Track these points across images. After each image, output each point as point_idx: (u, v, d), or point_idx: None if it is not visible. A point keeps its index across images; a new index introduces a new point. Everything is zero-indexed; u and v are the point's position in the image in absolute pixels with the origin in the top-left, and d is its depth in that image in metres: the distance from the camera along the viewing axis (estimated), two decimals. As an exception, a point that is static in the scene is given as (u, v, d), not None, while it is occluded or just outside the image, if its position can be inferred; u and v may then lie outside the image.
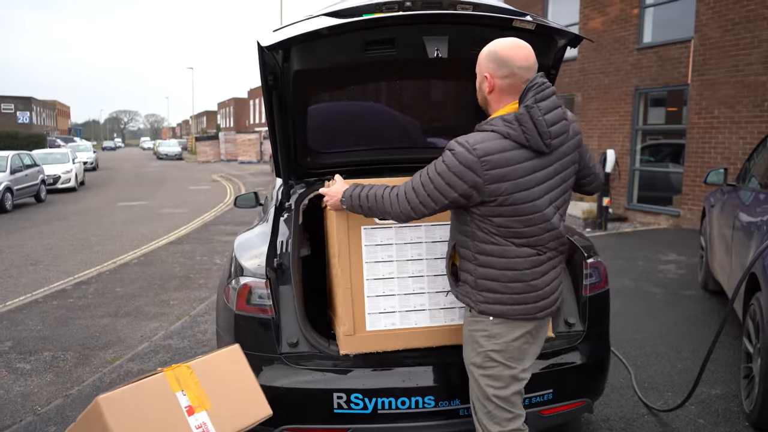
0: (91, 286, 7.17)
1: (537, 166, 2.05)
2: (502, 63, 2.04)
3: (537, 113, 1.98)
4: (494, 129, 2.03)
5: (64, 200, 17.11)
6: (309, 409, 2.59)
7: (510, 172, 2.01)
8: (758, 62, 9.19)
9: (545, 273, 2.19)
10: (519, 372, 2.24)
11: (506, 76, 2.05)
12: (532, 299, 2.17)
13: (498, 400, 2.24)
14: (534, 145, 2.01)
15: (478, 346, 2.23)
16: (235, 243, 3.20)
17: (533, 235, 2.11)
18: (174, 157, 45.78)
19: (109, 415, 1.38)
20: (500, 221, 2.08)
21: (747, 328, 3.67)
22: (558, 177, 2.13)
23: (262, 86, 2.90)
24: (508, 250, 2.12)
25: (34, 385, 4.26)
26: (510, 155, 2.00)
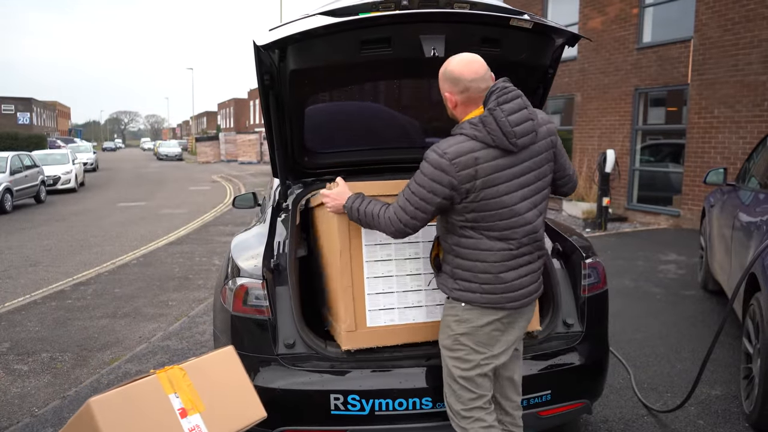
0: (89, 287, 7.16)
1: (506, 164, 2.16)
2: (455, 81, 2.21)
3: (500, 114, 2.12)
4: (462, 132, 2.18)
5: (64, 201, 17.10)
6: (306, 411, 2.58)
7: (479, 170, 2.13)
8: (758, 62, 9.18)
9: (516, 267, 2.27)
10: (486, 357, 2.34)
11: (462, 91, 2.21)
12: (499, 290, 2.27)
13: (462, 381, 2.36)
14: (500, 144, 2.13)
15: (449, 329, 2.37)
16: (231, 244, 3.19)
17: (505, 229, 2.22)
18: (174, 158, 45.77)
19: (101, 418, 1.36)
20: (473, 216, 2.21)
21: (747, 328, 3.66)
22: (531, 174, 2.23)
23: (259, 86, 2.89)
24: (480, 243, 2.24)
25: (31, 387, 4.24)
26: (478, 155, 2.13)
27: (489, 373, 2.38)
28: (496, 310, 2.29)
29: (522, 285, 2.30)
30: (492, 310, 2.29)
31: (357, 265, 2.66)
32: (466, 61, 2.21)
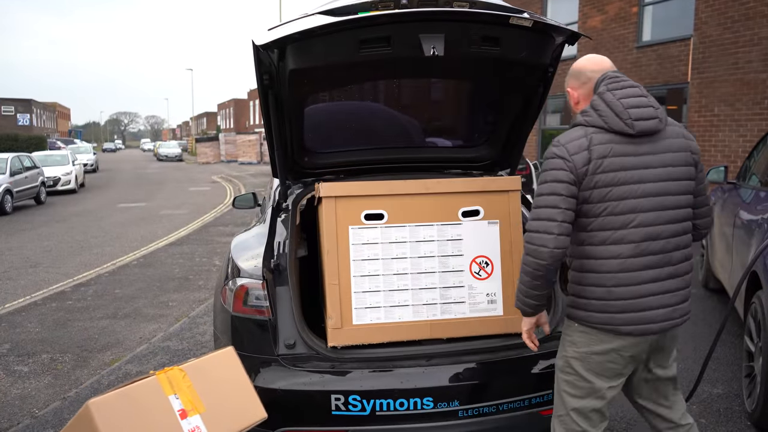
0: (90, 287, 7.15)
1: (624, 151, 1.98)
2: (578, 74, 2.19)
3: (610, 97, 2.00)
4: (575, 123, 2.09)
5: (64, 202, 17.09)
6: (307, 411, 2.57)
7: (593, 151, 1.96)
8: (758, 60, 9.17)
9: (640, 282, 1.98)
10: (600, 388, 2.09)
11: (584, 83, 2.17)
12: (614, 308, 1.99)
13: (572, 412, 2.14)
14: (614, 126, 1.97)
15: (563, 350, 2.21)
16: (231, 244, 3.19)
17: (620, 228, 1.97)
18: (174, 159, 45.74)
19: (100, 420, 1.35)
20: (586, 209, 2.00)
21: (748, 326, 3.65)
22: (659, 171, 2.00)
23: (258, 86, 2.88)
24: (592, 250, 2.02)
25: (32, 388, 4.24)
26: (592, 137, 1.98)
27: (603, 410, 2.14)
28: (612, 335, 2.02)
29: (649, 305, 1.99)
30: (606, 334, 2.03)
31: (344, 263, 2.71)
32: (591, 56, 2.22)
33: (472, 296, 2.81)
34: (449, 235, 2.81)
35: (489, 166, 3.60)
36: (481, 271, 2.82)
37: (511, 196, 2.85)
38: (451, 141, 3.64)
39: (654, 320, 2.01)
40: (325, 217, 2.72)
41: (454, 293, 2.80)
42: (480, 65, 2.92)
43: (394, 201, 2.77)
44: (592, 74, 2.14)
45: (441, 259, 2.80)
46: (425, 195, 2.79)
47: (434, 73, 3.14)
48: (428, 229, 2.79)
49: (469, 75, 3.12)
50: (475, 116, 3.49)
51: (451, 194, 2.81)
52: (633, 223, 1.97)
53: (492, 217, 2.84)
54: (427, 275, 2.79)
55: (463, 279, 2.81)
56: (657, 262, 2.00)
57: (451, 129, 3.62)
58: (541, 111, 3.32)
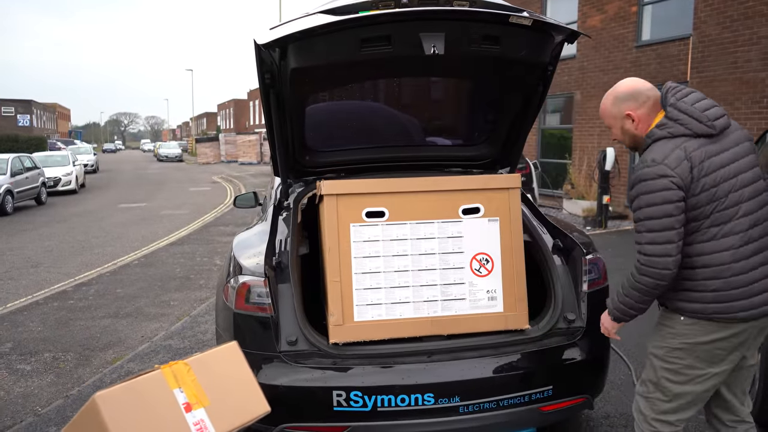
0: (91, 287, 7.17)
1: (714, 150, 2.08)
2: (636, 95, 2.20)
3: (683, 105, 2.11)
4: (657, 138, 2.13)
5: (65, 202, 17.11)
6: (308, 407, 2.59)
7: (693, 158, 2.05)
8: (757, 59, 9.18)
9: (752, 268, 2.09)
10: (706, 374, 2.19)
11: (644, 102, 2.19)
12: (732, 297, 2.09)
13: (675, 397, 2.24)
14: (699, 130, 2.08)
15: (662, 340, 2.26)
16: (233, 242, 3.21)
17: (729, 221, 2.08)
18: (174, 159, 45.76)
19: (106, 413, 1.37)
20: (697, 213, 2.08)
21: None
22: (744, 161, 2.12)
23: (260, 85, 2.90)
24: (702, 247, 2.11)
25: (34, 386, 4.26)
26: (686, 146, 2.06)
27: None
28: (723, 323, 2.10)
29: (758, 290, 2.08)
30: (716, 323, 2.11)
31: (345, 260, 2.73)
32: (632, 79, 2.26)
33: (473, 293, 2.83)
34: (450, 232, 2.83)
35: (489, 165, 3.62)
36: (481, 268, 2.84)
37: (511, 193, 2.87)
38: (452, 140, 3.67)
39: (763, 304, 2.10)
40: (326, 214, 2.74)
41: (454, 290, 2.82)
42: (480, 64, 2.94)
43: (394, 198, 2.79)
44: (650, 92, 2.20)
45: (442, 257, 2.82)
46: (426, 192, 2.81)
47: (434, 72, 3.16)
48: (429, 227, 2.81)
49: (469, 74, 3.15)
50: (475, 115, 3.51)
51: (451, 192, 2.83)
52: (738, 215, 2.09)
53: (492, 214, 2.86)
54: (428, 272, 2.81)
55: (464, 276, 2.83)
56: (762, 247, 2.11)
57: (451, 128, 3.64)
58: (540, 110, 3.34)
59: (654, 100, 2.20)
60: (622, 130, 2.27)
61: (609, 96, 2.28)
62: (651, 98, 2.19)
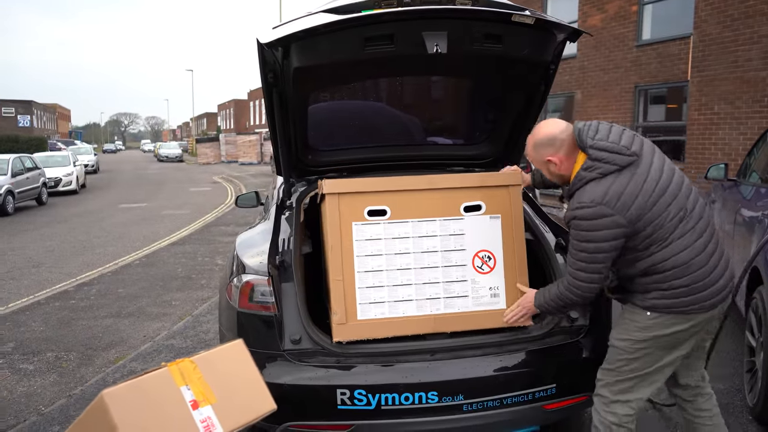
0: (93, 287, 7.18)
1: (640, 176, 2.19)
2: (552, 141, 2.32)
3: (602, 143, 2.21)
4: (587, 179, 2.23)
5: (66, 203, 17.12)
6: (312, 406, 2.60)
7: (627, 196, 2.16)
8: (758, 58, 9.19)
9: (708, 260, 2.25)
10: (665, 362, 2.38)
11: (560, 146, 2.31)
12: (699, 288, 2.26)
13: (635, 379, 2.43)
14: (623, 163, 2.19)
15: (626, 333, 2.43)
16: (236, 241, 3.21)
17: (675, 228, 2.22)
18: (174, 159, 45.78)
19: (114, 410, 1.38)
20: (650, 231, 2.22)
21: (749, 322, 3.67)
22: (664, 169, 2.25)
23: (262, 84, 2.91)
24: (662, 255, 2.23)
25: (37, 386, 4.27)
26: (617, 184, 2.18)
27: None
28: (684, 315, 2.26)
29: (716, 278, 2.25)
30: (680, 315, 2.27)
31: (348, 259, 2.73)
32: (545, 123, 2.39)
33: (475, 290, 2.83)
34: (451, 230, 2.84)
35: (491, 164, 3.63)
36: (483, 266, 2.84)
37: (512, 190, 2.88)
38: (453, 139, 3.67)
39: (724, 288, 2.29)
40: (328, 213, 2.74)
41: (457, 288, 2.82)
42: (482, 63, 2.95)
43: (396, 197, 2.79)
44: (563, 135, 2.31)
45: (444, 254, 2.83)
46: (427, 191, 2.82)
47: (437, 71, 3.17)
48: (431, 225, 2.82)
49: (471, 73, 3.15)
50: (477, 114, 3.52)
51: (452, 189, 2.84)
52: (684, 218, 2.23)
53: (493, 211, 2.86)
54: (431, 270, 2.81)
55: (466, 273, 2.83)
56: (709, 238, 2.26)
57: (453, 126, 3.65)
58: (542, 109, 3.34)
59: (569, 142, 2.30)
60: (548, 172, 2.42)
61: (530, 142, 2.40)
62: (566, 141, 2.30)
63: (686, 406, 2.63)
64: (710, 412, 2.58)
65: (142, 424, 1.42)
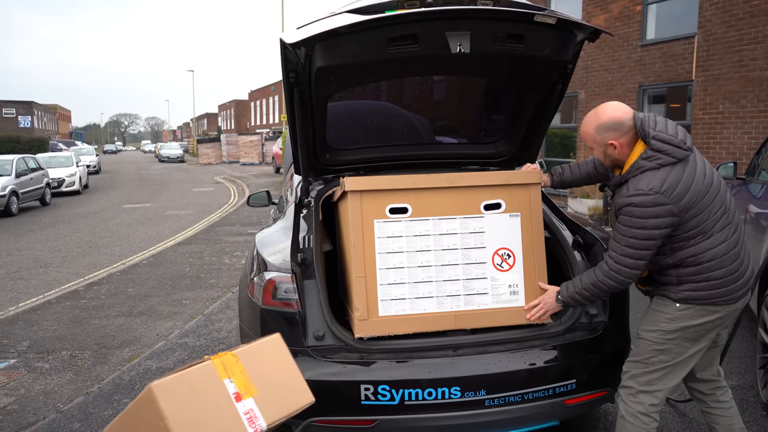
0: (102, 286, 7.21)
1: (692, 168, 2.33)
2: (619, 125, 2.39)
3: (664, 136, 2.33)
4: (647, 168, 2.33)
5: (69, 203, 17.15)
6: (337, 402, 2.63)
7: (684, 185, 2.29)
8: (762, 57, 9.22)
9: (738, 255, 2.40)
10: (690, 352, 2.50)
11: (626, 132, 2.40)
12: (732, 281, 2.40)
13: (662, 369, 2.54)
14: (680, 156, 2.32)
15: (655, 324, 2.54)
16: (256, 238, 3.24)
17: (716, 222, 2.35)
18: (176, 160, 45.81)
19: (163, 402, 1.41)
20: (693, 223, 2.34)
21: (763, 319, 3.70)
22: (708, 169, 2.40)
23: (284, 83, 2.94)
24: (699, 247, 2.36)
25: (54, 384, 4.30)
26: (674, 175, 2.30)
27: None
28: (712, 306, 2.38)
29: (745, 272, 2.41)
30: (709, 306, 2.38)
31: (369, 256, 2.76)
32: (610, 106, 2.44)
33: (495, 287, 2.86)
34: (472, 227, 2.86)
35: (506, 163, 3.66)
36: (503, 263, 2.87)
37: (532, 189, 2.90)
38: (470, 138, 3.70)
39: (749, 281, 2.44)
40: (350, 210, 2.76)
41: (477, 285, 2.85)
42: (503, 62, 2.98)
43: (417, 195, 2.82)
44: (631, 122, 2.40)
45: (464, 252, 2.86)
46: (448, 189, 2.84)
47: (459, 71, 3.20)
48: (451, 222, 2.85)
49: (492, 72, 3.18)
50: (495, 113, 3.55)
51: (473, 188, 2.86)
52: (724, 215, 2.36)
53: (513, 209, 2.89)
54: (451, 267, 2.84)
55: (486, 271, 2.86)
56: (740, 235, 2.42)
57: (470, 126, 3.68)
58: (558, 108, 3.37)
59: (632, 128, 2.40)
60: (604, 154, 2.48)
61: (592, 123, 2.45)
62: (632, 128, 2.40)
63: (706, 399, 2.70)
64: (729, 404, 2.67)
65: (190, 416, 1.45)
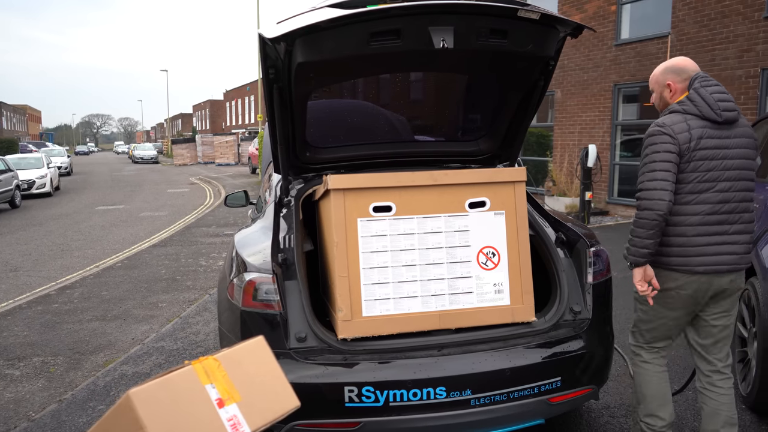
0: (75, 290, 7.03)
1: (713, 134, 2.51)
2: (681, 71, 2.64)
3: (704, 92, 2.53)
4: (673, 110, 2.58)
5: (40, 205, 16.75)
6: (320, 404, 2.57)
7: (693, 133, 2.49)
8: (734, 57, 9.39)
9: (713, 233, 2.54)
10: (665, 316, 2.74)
11: (684, 80, 2.62)
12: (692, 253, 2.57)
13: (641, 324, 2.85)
14: (707, 115, 2.50)
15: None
16: (235, 239, 3.17)
17: (703, 192, 2.52)
18: (150, 161, 45.14)
19: (141, 409, 1.34)
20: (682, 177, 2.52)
21: (741, 313, 3.74)
22: (737, 151, 2.54)
23: (263, 80, 2.88)
24: (677, 209, 2.54)
25: (25, 391, 4.16)
26: (690, 123, 2.51)
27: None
28: (681, 274, 2.56)
29: (715, 251, 2.54)
30: (677, 273, 2.57)
31: (353, 255, 2.71)
32: (685, 58, 2.71)
33: (480, 286, 2.83)
34: (456, 226, 2.83)
35: (488, 160, 3.64)
36: (488, 262, 2.85)
37: (517, 186, 2.88)
38: (452, 135, 3.67)
39: (723, 263, 2.56)
40: (333, 209, 2.71)
41: (461, 284, 2.82)
42: (487, 58, 2.95)
43: (401, 193, 2.78)
44: (692, 73, 2.62)
45: (449, 250, 2.82)
46: (432, 187, 2.81)
47: (441, 67, 3.16)
48: (436, 221, 2.81)
49: (474, 68, 3.16)
50: (477, 110, 3.52)
51: (457, 186, 2.83)
52: (713, 189, 2.53)
53: (498, 207, 2.87)
54: (436, 266, 2.81)
55: (471, 269, 2.83)
56: (724, 221, 2.55)
57: (452, 123, 3.65)
58: (540, 105, 3.36)
59: (689, 81, 2.61)
60: (660, 96, 2.72)
61: (661, 65, 2.73)
62: (689, 79, 2.62)
63: (702, 378, 2.80)
64: (723, 391, 2.74)
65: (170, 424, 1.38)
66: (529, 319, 2.83)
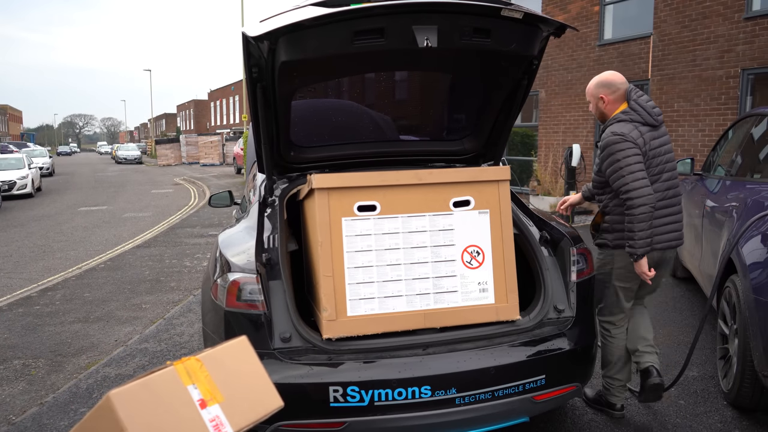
0: (57, 292, 6.94)
1: (654, 135, 3.06)
2: (610, 85, 3.14)
3: (641, 101, 3.09)
4: (620, 119, 3.07)
5: (21, 206, 16.52)
6: (305, 404, 2.56)
7: (645, 138, 3.00)
8: (715, 57, 9.51)
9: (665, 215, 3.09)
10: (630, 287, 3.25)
11: (614, 92, 3.13)
12: (654, 233, 3.03)
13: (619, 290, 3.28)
14: (648, 121, 3.05)
15: (603, 267, 3.31)
16: (219, 239, 3.15)
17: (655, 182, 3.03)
18: (133, 161, 44.75)
19: (122, 411, 1.32)
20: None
21: (722, 310, 3.78)
22: (668, 146, 3.13)
23: (246, 79, 2.86)
24: None
25: (5, 394, 4.09)
26: (639, 129, 3.02)
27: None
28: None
29: (667, 230, 3.09)
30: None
31: (337, 255, 2.70)
32: (613, 72, 3.21)
33: (464, 285, 2.84)
34: (441, 225, 2.84)
35: (473, 159, 3.65)
36: (472, 261, 2.85)
37: (501, 185, 2.89)
38: (436, 135, 3.68)
39: (674, 239, 3.15)
40: (318, 208, 2.70)
41: (446, 283, 2.82)
42: (471, 58, 2.96)
43: (386, 192, 2.77)
44: (621, 86, 3.13)
45: (433, 249, 2.82)
46: (417, 186, 2.81)
47: (425, 66, 3.17)
48: (420, 220, 2.81)
49: (458, 67, 3.16)
50: (462, 109, 3.53)
51: (442, 185, 2.83)
52: (661, 180, 3.06)
53: (482, 206, 2.87)
54: (420, 265, 2.81)
55: (455, 268, 2.84)
56: (672, 203, 3.12)
57: (436, 123, 3.65)
58: (523, 104, 3.37)
59: (621, 92, 3.13)
60: (595, 106, 3.21)
61: (594, 80, 3.21)
62: (620, 90, 3.13)
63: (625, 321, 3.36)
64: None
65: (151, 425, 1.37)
66: (514, 317, 2.84)
